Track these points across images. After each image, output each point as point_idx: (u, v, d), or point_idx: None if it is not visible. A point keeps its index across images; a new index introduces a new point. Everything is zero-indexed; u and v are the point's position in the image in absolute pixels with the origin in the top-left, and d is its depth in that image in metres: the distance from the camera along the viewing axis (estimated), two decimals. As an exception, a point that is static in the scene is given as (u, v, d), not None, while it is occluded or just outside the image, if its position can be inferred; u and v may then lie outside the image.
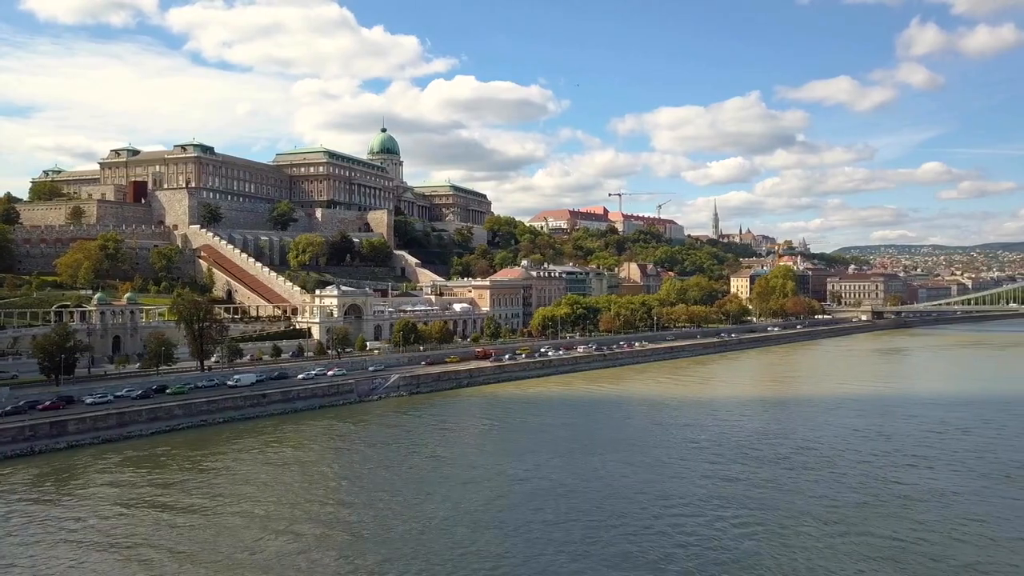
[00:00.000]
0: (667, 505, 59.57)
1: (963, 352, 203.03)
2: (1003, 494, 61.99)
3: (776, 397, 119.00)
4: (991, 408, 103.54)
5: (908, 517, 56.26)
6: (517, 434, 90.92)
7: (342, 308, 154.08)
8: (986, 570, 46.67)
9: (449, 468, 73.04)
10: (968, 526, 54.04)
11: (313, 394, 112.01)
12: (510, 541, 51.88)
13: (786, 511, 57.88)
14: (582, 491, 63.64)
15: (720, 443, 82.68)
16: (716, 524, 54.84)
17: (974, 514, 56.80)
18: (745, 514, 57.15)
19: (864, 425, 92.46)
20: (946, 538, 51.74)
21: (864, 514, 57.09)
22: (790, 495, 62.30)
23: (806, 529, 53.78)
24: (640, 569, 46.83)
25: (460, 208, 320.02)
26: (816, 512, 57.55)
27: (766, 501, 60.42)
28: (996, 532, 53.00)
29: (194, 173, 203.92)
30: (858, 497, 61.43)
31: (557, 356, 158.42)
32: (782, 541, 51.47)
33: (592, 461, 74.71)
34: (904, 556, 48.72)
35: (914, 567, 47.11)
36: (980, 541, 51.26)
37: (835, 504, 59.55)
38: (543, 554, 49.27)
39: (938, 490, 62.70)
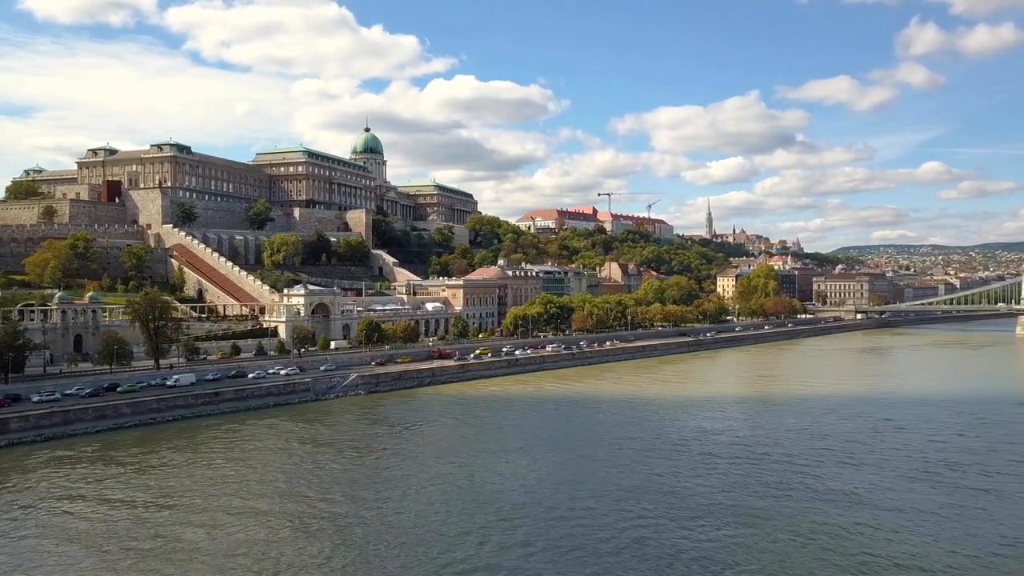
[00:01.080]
0: (574, 496, 60.47)
1: (935, 352, 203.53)
2: (913, 492, 62.51)
3: (728, 395, 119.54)
4: (939, 407, 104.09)
5: (808, 513, 56.93)
6: (463, 432, 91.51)
7: (309, 307, 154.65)
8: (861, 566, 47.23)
9: (384, 467, 73.58)
10: (861, 523, 54.67)
11: (268, 392, 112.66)
12: (432, 541, 52.64)
13: (686, 506, 58.70)
14: (507, 489, 64.34)
15: (654, 439, 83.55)
16: (605, 515, 55.49)
17: (873, 511, 57.45)
18: (632, 506, 58.39)
19: (807, 423, 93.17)
20: (834, 535, 52.37)
21: (763, 512, 57.71)
22: (697, 490, 63.11)
23: (697, 522, 54.43)
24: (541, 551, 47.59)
25: (445, 208, 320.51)
26: (711, 507, 58.27)
27: (663, 495, 61.37)
28: (889, 528, 53.57)
29: (170, 173, 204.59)
30: (760, 494, 62.15)
31: (524, 355, 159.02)
32: (660, 533, 52.33)
33: (521, 459, 75.37)
34: (787, 552, 49.33)
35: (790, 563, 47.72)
36: (867, 538, 51.81)
37: (736, 502, 60.18)
38: (463, 547, 49.97)
39: (850, 489, 63.22)
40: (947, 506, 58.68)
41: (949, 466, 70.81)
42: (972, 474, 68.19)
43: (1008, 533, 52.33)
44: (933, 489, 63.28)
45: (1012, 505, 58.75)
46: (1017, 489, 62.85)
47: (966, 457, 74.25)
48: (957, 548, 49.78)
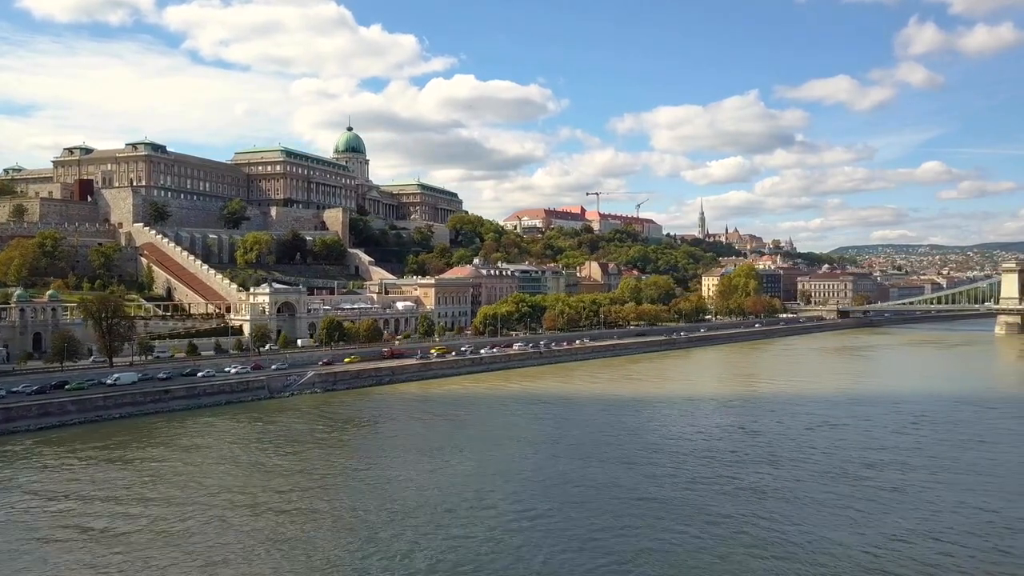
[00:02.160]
0: (475, 489, 61.14)
1: (905, 351, 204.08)
2: (819, 489, 63.05)
3: (676, 394, 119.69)
4: (882, 406, 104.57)
5: (706, 505, 57.61)
6: (404, 430, 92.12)
7: (274, 306, 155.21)
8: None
9: (316, 467, 74.08)
10: (752, 514, 55.34)
11: (220, 390, 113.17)
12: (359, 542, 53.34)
13: (594, 495, 59.45)
14: (442, 487, 65.17)
15: (578, 437, 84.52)
16: (490, 508, 56.31)
17: (770, 504, 58.09)
18: (517, 503, 59.67)
19: (744, 421, 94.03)
20: (725, 526, 53.06)
21: (666, 503, 58.44)
22: (606, 480, 63.93)
23: (597, 512, 55.09)
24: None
25: (429, 207, 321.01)
26: (617, 497, 58.92)
27: (576, 486, 62.11)
28: (776, 521, 54.17)
29: (144, 171, 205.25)
30: (669, 486, 62.87)
31: (490, 354, 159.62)
32: (538, 525, 53.12)
33: (451, 457, 76.05)
34: (671, 550, 50.00)
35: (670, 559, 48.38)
36: (756, 528, 52.46)
37: (644, 495, 60.85)
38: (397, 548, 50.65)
39: (758, 487, 63.78)
40: (847, 502, 59.22)
41: (868, 464, 71.32)
42: (889, 471, 68.78)
43: (888, 532, 52.77)
44: (837, 486, 63.79)
45: (908, 504, 59.10)
46: (922, 488, 63.23)
47: (888, 455, 74.80)
48: (832, 544, 50.29)
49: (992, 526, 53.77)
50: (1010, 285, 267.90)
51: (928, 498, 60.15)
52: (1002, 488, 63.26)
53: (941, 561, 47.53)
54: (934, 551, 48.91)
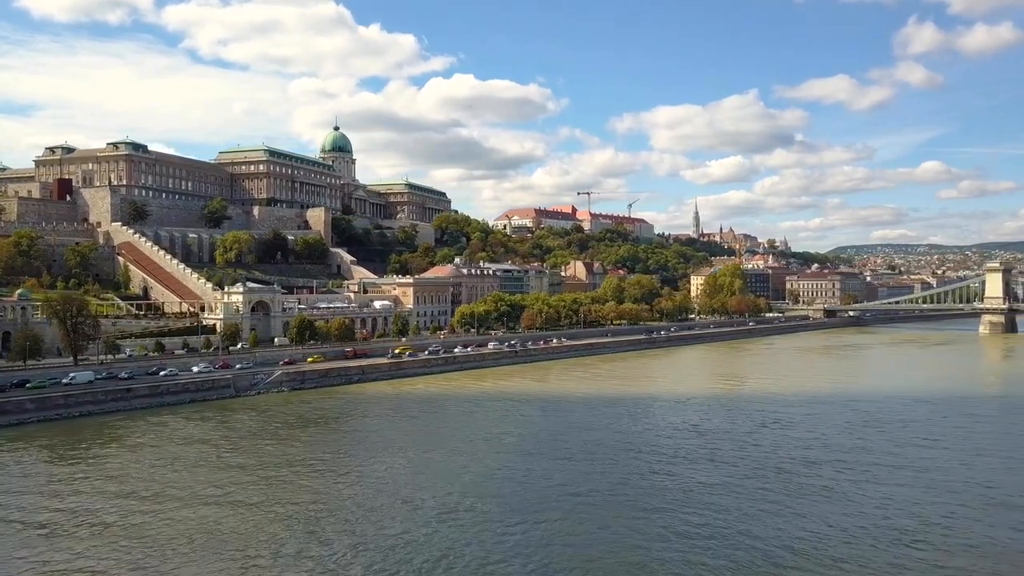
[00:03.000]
0: (408, 488, 61.79)
1: (882, 350, 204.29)
2: (749, 487, 63.47)
3: (638, 392, 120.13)
4: (837, 405, 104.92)
5: (631, 503, 58.10)
6: (358, 429, 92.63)
7: (248, 305, 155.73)
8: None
9: (256, 463, 74.55)
10: (680, 512, 55.83)
11: (184, 389, 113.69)
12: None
13: (497, 496, 60.07)
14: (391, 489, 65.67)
15: (522, 434, 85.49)
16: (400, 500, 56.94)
17: (698, 503, 58.58)
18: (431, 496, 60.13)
19: (695, 420, 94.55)
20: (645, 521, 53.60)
21: (594, 501, 58.96)
22: (527, 482, 64.62)
23: (514, 509, 55.61)
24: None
25: (416, 206, 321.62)
26: (541, 493, 59.45)
27: (512, 482, 62.57)
28: (695, 522, 54.66)
29: (125, 171, 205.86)
30: (599, 485, 63.41)
31: (463, 353, 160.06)
32: (459, 519, 53.67)
33: (398, 458, 76.55)
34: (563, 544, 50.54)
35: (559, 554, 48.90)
36: (664, 530, 52.97)
37: (577, 491, 61.36)
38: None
39: (688, 484, 64.27)
40: (774, 498, 59.67)
41: (806, 462, 71.71)
42: (824, 469, 69.03)
43: (805, 528, 53.22)
44: (768, 484, 64.15)
45: (832, 502, 59.47)
46: (851, 486, 63.55)
47: (828, 454, 75.08)
48: (743, 539, 50.78)
49: (908, 524, 54.07)
50: (994, 285, 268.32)
51: (853, 496, 60.45)
52: (930, 486, 63.59)
53: (847, 555, 47.90)
54: (838, 549, 49.16)
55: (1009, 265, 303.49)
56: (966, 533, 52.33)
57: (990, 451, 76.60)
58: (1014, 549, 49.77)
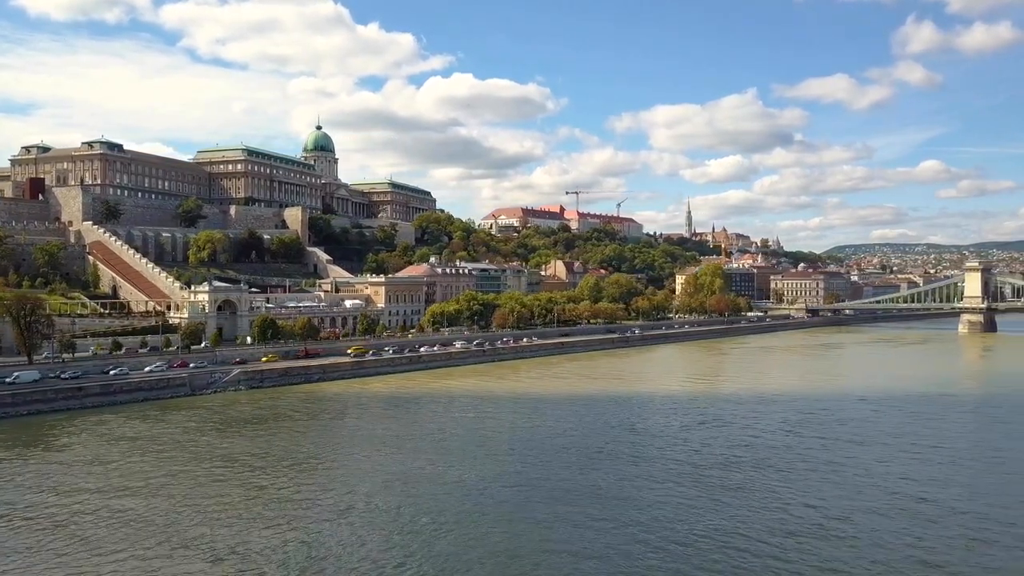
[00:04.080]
0: (334, 488, 62.30)
1: (856, 349, 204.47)
2: (660, 489, 63.80)
3: (588, 391, 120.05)
4: (780, 403, 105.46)
5: (537, 503, 58.59)
6: (291, 429, 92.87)
7: (214, 304, 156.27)
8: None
9: (173, 465, 75.08)
10: (582, 517, 56.35)
11: (138, 387, 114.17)
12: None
13: (406, 495, 60.48)
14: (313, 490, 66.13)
15: (453, 433, 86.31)
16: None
17: (606, 504, 59.08)
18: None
19: (632, 420, 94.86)
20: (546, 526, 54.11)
21: (483, 507, 59.49)
22: (430, 482, 65.36)
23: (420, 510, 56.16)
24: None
25: (400, 205, 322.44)
26: (445, 489, 59.96)
27: (427, 480, 63.19)
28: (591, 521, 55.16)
29: (99, 170, 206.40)
30: (514, 484, 63.83)
31: (429, 352, 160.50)
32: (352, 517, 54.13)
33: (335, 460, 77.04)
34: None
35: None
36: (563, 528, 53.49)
37: (484, 490, 61.91)
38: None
39: (601, 485, 64.53)
40: (682, 500, 60.07)
41: (725, 462, 71.96)
42: (742, 469, 69.34)
43: (703, 528, 53.68)
44: (681, 484, 64.53)
45: (738, 502, 59.82)
46: (763, 486, 63.92)
47: (751, 453, 75.35)
48: (640, 542, 51.26)
49: (808, 523, 54.45)
50: (973, 284, 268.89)
51: (759, 497, 60.68)
52: (840, 485, 63.90)
53: (730, 560, 48.36)
54: (727, 550, 49.57)
55: (988, 265, 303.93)
56: (854, 530, 52.64)
57: (915, 450, 76.90)
58: (892, 544, 49.89)
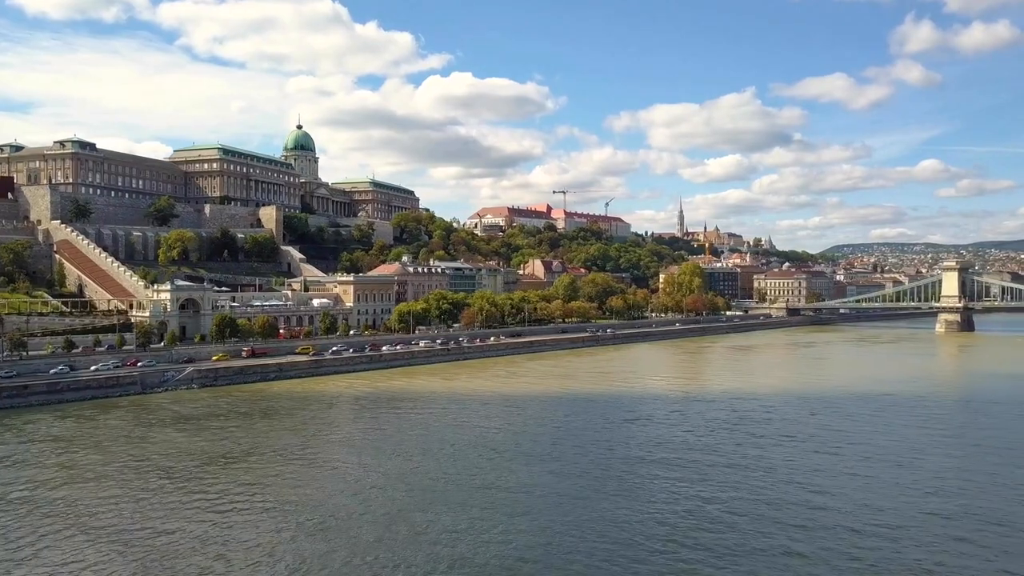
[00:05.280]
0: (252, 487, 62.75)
1: (822, 349, 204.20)
2: (557, 486, 64.33)
3: (532, 391, 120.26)
4: (721, 402, 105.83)
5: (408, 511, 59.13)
6: (225, 428, 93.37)
7: (175, 302, 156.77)
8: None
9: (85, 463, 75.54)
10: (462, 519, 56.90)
11: (87, 386, 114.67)
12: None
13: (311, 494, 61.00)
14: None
15: (388, 433, 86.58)
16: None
17: (495, 504, 59.66)
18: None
19: (562, 418, 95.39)
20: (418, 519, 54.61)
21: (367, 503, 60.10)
22: (350, 480, 65.53)
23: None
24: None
25: (381, 204, 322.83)
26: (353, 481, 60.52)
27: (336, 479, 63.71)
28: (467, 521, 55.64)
29: (71, 169, 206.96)
30: (421, 481, 64.37)
31: (391, 351, 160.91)
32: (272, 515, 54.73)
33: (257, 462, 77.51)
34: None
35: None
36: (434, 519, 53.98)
37: (374, 487, 62.48)
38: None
39: (502, 484, 65.01)
40: (574, 498, 60.61)
41: (633, 460, 72.51)
42: (650, 467, 69.88)
43: (580, 524, 54.19)
44: (579, 482, 65.05)
45: (629, 499, 60.30)
46: (663, 485, 64.27)
47: (666, 452, 75.75)
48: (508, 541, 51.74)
49: (692, 521, 54.93)
50: (950, 284, 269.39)
51: (654, 495, 61.08)
52: (742, 484, 64.29)
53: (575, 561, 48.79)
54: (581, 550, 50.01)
55: (965, 264, 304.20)
56: (729, 531, 53.09)
57: (830, 450, 77.06)
58: (756, 549, 50.25)
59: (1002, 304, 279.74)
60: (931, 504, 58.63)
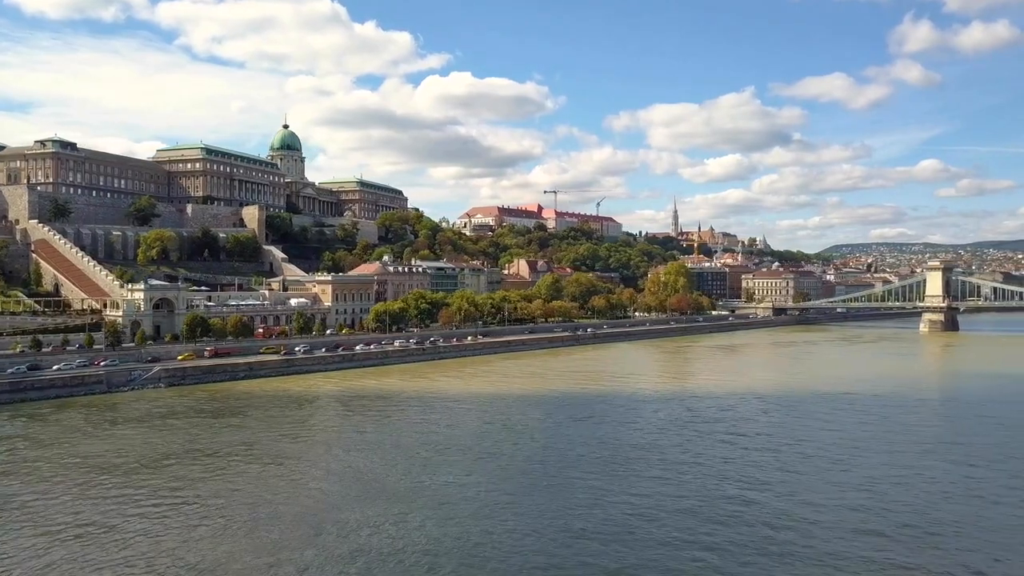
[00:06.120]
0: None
1: (801, 348, 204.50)
2: (489, 485, 64.87)
3: (494, 391, 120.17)
4: (675, 402, 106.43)
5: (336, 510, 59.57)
6: (169, 428, 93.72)
7: (149, 302, 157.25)
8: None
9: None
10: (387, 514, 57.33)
11: (51, 384, 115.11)
12: None
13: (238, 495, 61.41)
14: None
15: (336, 431, 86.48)
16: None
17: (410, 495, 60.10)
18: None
19: (511, 417, 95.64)
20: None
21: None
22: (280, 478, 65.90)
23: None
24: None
25: (368, 203, 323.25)
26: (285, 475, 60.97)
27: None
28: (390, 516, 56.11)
29: (52, 169, 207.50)
30: (356, 479, 64.83)
31: (364, 350, 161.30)
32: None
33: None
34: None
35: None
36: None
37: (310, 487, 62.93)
38: None
39: (432, 483, 65.60)
40: (505, 495, 61.09)
41: (572, 459, 72.79)
42: (585, 466, 70.21)
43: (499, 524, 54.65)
44: (512, 482, 65.56)
45: (556, 496, 60.82)
46: (593, 483, 64.63)
47: (607, 452, 76.12)
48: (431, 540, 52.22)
49: (609, 520, 55.35)
50: (934, 283, 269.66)
51: (577, 494, 61.29)
52: (672, 481, 64.73)
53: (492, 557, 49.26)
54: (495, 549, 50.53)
55: (950, 264, 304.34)
56: (647, 524, 53.58)
57: (771, 448, 77.44)
58: (666, 540, 50.73)
59: (985, 304, 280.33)
60: (853, 500, 59.03)
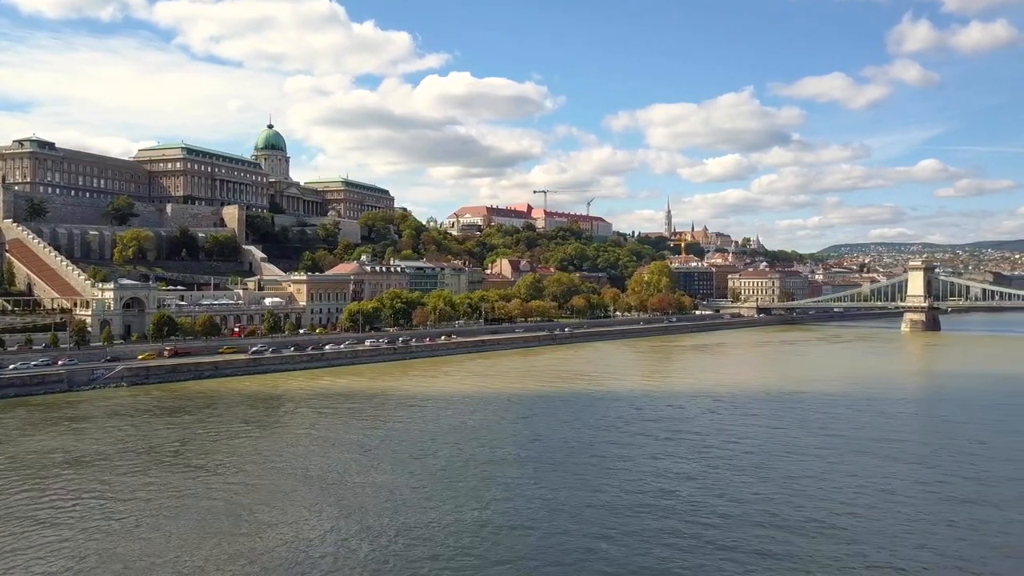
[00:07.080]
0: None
1: (776, 347, 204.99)
2: (431, 483, 65.34)
3: (455, 391, 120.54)
4: (624, 400, 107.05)
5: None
6: (119, 428, 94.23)
7: (119, 301, 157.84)
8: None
9: None
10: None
11: (9, 384, 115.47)
12: None
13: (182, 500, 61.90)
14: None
15: (292, 430, 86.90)
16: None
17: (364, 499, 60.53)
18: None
19: (462, 417, 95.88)
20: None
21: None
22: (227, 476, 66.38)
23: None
24: None
25: (354, 203, 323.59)
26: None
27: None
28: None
29: (30, 168, 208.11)
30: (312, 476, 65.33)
31: (334, 350, 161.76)
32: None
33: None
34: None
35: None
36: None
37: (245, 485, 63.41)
38: None
39: (383, 483, 66.12)
40: (433, 491, 61.57)
41: (511, 458, 73.30)
42: (523, 466, 70.56)
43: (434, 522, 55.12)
44: (443, 480, 66.01)
45: (490, 495, 61.29)
46: (529, 481, 64.97)
47: (531, 449, 76.73)
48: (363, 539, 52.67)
49: (536, 517, 55.78)
50: (916, 283, 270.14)
51: (496, 493, 61.82)
52: (591, 481, 65.06)
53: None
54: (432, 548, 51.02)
55: (931, 264, 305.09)
56: (548, 520, 54.06)
57: (701, 448, 77.55)
58: (569, 530, 51.28)
59: (967, 304, 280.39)
60: (767, 493, 59.53)
